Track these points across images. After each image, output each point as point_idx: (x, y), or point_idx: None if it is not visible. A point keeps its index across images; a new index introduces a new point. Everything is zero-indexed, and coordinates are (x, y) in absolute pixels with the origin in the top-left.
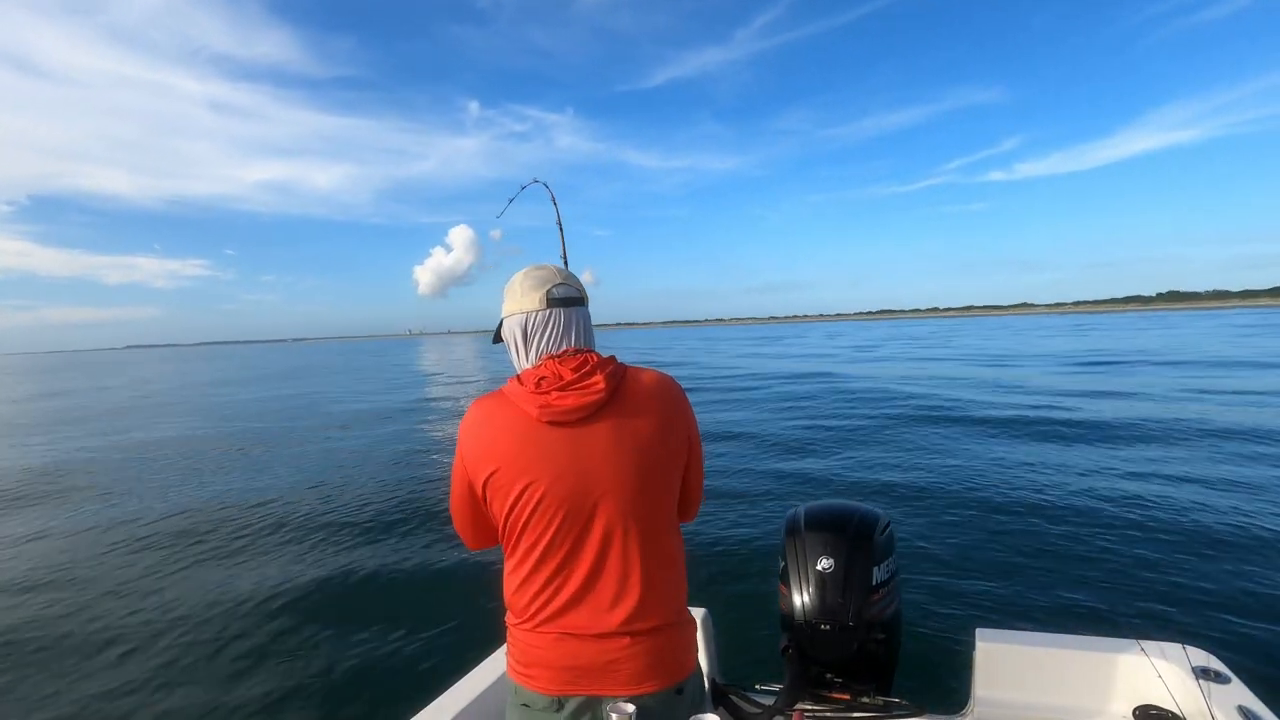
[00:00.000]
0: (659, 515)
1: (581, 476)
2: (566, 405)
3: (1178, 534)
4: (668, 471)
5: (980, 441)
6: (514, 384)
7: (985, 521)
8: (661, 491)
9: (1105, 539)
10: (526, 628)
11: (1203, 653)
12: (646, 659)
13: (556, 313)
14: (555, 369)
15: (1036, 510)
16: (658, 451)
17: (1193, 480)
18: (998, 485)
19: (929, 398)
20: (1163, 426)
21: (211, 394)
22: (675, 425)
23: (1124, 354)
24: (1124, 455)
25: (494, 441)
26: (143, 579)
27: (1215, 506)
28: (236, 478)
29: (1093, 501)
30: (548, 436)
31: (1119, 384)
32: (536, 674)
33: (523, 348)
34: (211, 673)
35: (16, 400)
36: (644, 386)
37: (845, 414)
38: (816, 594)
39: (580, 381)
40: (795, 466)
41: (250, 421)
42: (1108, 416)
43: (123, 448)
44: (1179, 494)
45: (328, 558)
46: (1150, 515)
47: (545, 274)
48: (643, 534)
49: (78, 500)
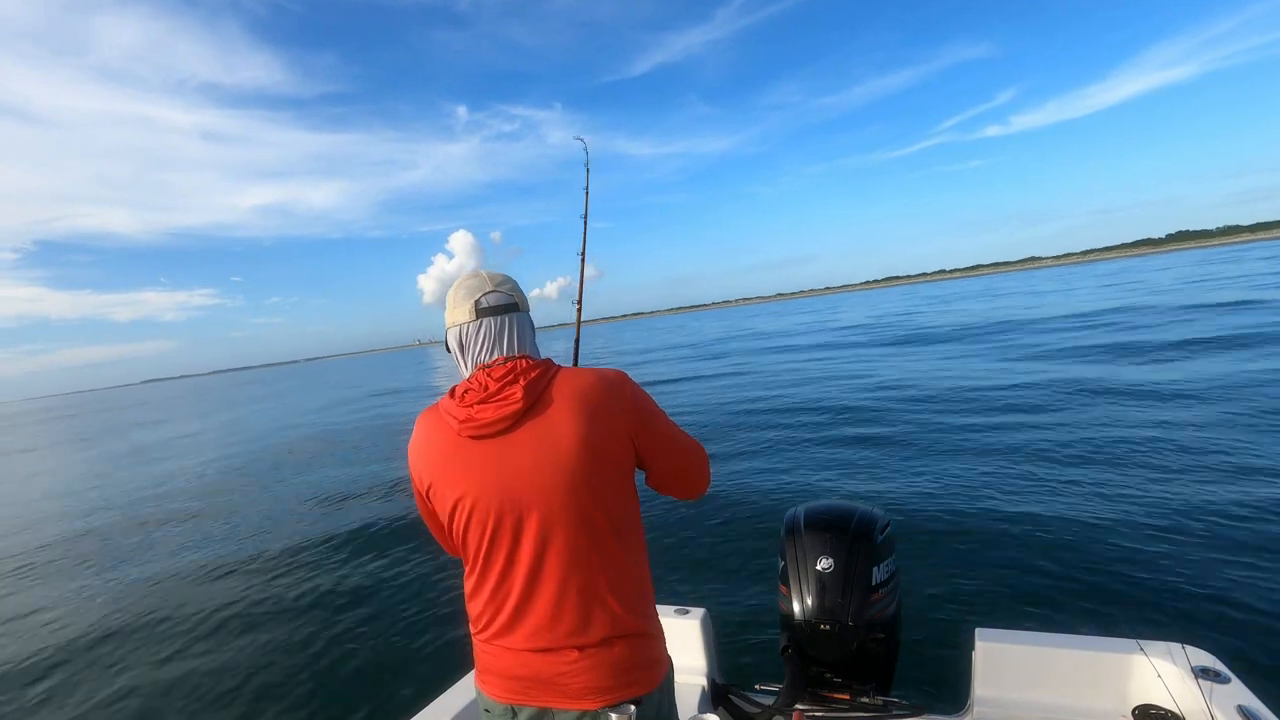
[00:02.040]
0: (596, 523)
1: (506, 489)
2: (485, 419)
3: (1177, 534)
4: (602, 475)
5: (980, 438)
6: (446, 398)
7: (985, 521)
8: (599, 494)
9: (1105, 539)
10: (481, 638)
11: (1203, 653)
12: (597, 673)
13: (488, 322)
14: (482, 380)
15: (1036, 510)
16: (583, 456)
17: (1193, 481)
18: (998, 485)
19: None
20: (1172, 419)
21: (315, 417)
22: (605, 423)
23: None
24: (1123, 455)
25: (427, 456)
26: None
27: (1215, 505)
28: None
29: (1092, 501)
30: (471, 451)
31: (1130, 363)
32: (491, 681)
33: (460, 358)
34: (201, 681)
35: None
36: (570, 390)
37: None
38: (816, 594)
39: (500, 393)
40: (796, 465)
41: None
42: (1111, 410)
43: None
44: (1179, 493)
45: (329, 567)
46: (1150, 515)
47: (475, 283)
48: (579, 543)
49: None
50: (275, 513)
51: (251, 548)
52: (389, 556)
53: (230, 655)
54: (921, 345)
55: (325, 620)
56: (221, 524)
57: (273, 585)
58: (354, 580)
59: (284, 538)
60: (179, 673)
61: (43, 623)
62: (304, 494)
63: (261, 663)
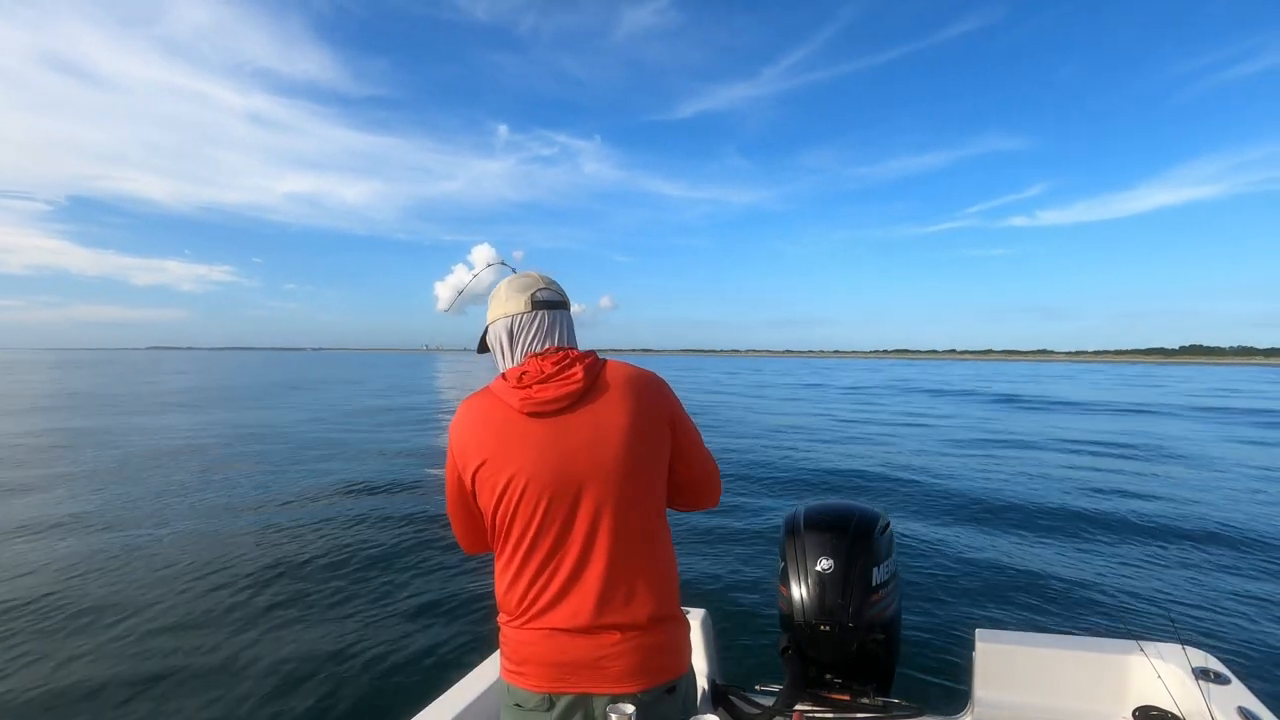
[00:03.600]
0: (646, 504)
1: (563, 464)
2: (546, 396)
3: (1177, 535)
4: (651, 460)
5: (981, 444)
6: (499, 381)
7: (985, 522)
8: (647, 479)
9: (1105, 540)
10: (516, 625)
11: (1202, 653)
12: (637, 656)
13: (541, 314)
14: (537, 365)
15: (1036, 511)
16: (636, 439)
17: (1192, 482)
18: (998, 486)
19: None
20: (1164, 435)
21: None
22: (655, 412)
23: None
24: (1124, 458)
25: (479, 435)
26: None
27: (1215, 507)
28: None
29: (1093, 503)
30: (530, 428)
31: (1131, 419)
32: (527, 671)
33: (508, 349)
34: (207, 670)
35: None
36: (622, 377)
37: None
38: (816, 594)
39: (560, 374)
40: (797, 465)
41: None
42: (1107, 427)
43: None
44: (1179, 495)
45: (332, 550)
46: (1150, 516)
47: (529, 280)
48: (630, 522)
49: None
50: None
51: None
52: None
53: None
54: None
55: (323, 617)
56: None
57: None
58: (371, 567)
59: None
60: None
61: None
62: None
63: (264, 648)
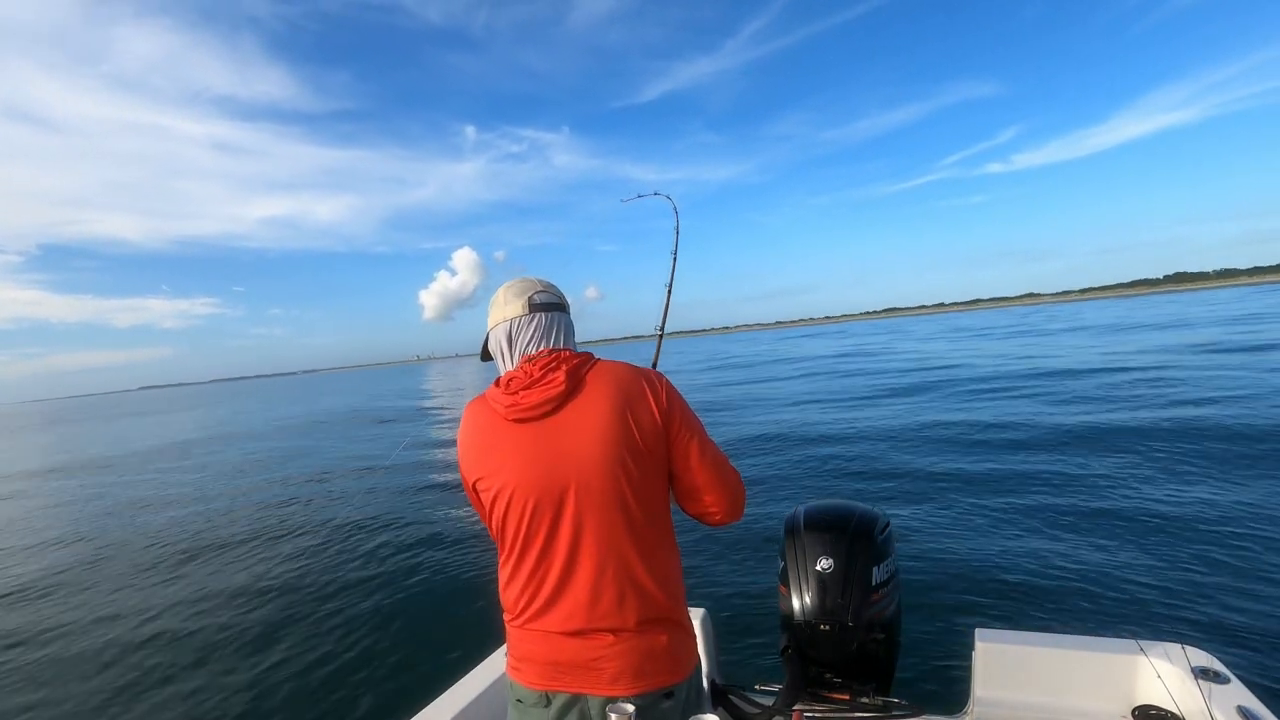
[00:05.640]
0: (630, 507)
1: (547, 470)
2: (530, 402)
3: (1177, 534)
4: (636, 460)
5: (980, 441)
6: (493, 387)
7: (985, 521)
8: (632, 481)
9: (1105, 539)
10: (516, 624)
11: (1202, 653)
12: (631, 659)
13: (539, 317)
14: (526, 369)
15: (1036, 510)
16: (618, 439)
17: (1193, 480)
18: (997, 485)
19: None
20: (1164, 426)
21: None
22: (639, 411)
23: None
24: (1123, 456)
25: (473, 442)
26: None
27: (1216, 506)
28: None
29: (1092, 501)
30: (516, 434)
31: (1128, 381)
32: (525, 669)
33: (507, 353)
34: (211, 670)
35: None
36: (609, 377)
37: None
38: (816, 594)
39: (544, 378)
40: (797, 463)
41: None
42: (1108, 416)
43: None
44: (1179, 494)
45: (340, 555)
46: (1150, 515)
47: (527, 284)
48: (614, 526)
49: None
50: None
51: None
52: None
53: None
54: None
55: (326, 619)
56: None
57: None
58: (378, 565)
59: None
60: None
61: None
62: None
63: (283, 647)
